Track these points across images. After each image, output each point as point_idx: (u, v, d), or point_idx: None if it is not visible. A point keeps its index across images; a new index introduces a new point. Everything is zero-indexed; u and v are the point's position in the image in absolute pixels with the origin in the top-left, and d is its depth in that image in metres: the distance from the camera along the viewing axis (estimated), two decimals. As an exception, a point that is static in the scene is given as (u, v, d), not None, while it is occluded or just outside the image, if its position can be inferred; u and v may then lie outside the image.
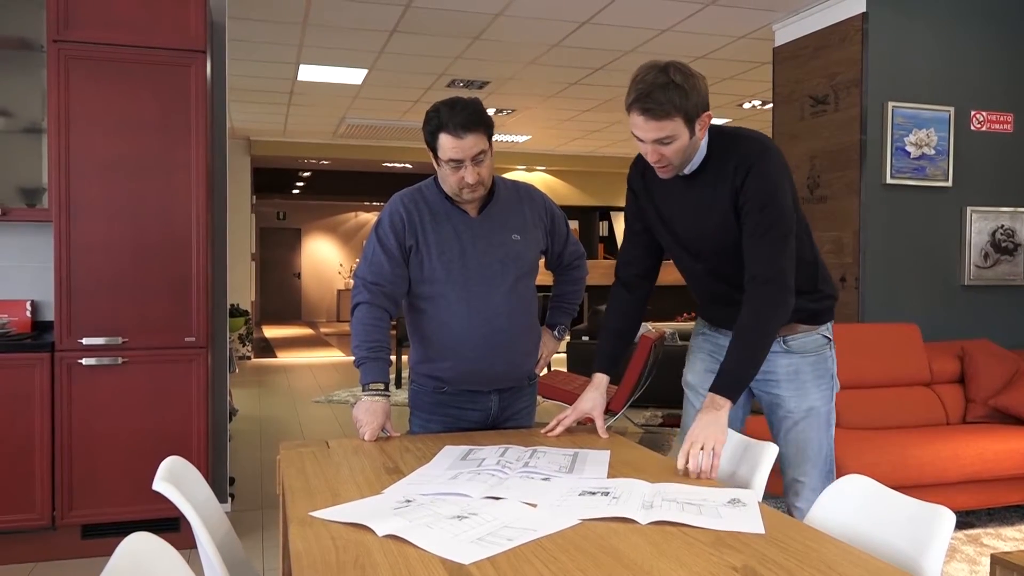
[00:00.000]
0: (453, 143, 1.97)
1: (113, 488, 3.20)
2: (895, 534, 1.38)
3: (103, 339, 3.19)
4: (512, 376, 2.15)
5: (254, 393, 7.67)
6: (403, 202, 2.11)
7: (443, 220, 2.09)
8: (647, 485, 1.59)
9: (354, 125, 9.03)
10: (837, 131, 4.44)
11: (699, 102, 1.81)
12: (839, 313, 4.38)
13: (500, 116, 8.65)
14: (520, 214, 2.16)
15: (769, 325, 1.87)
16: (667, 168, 1.91)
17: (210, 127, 3.38)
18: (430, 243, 2.06)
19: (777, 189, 1.87)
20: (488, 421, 2.17)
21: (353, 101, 7.80)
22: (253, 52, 6.01)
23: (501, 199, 2.14)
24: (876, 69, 4.32)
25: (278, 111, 8.44)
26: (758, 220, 1.86)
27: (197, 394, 3.29)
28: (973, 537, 3.55)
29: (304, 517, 1.40)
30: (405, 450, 1.89)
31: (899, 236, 4.41)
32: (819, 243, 4.54)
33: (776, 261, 1.86)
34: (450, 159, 1.98)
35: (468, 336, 2.06)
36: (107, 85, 3.19)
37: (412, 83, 6.90)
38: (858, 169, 4.32)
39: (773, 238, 1.86)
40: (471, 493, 1.50)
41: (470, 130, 1.97)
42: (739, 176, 1.87)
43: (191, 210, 3.28)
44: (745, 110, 8.08)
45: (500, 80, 6.98)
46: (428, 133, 2.02)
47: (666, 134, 1.82)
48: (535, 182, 11.94)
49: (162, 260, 3.26)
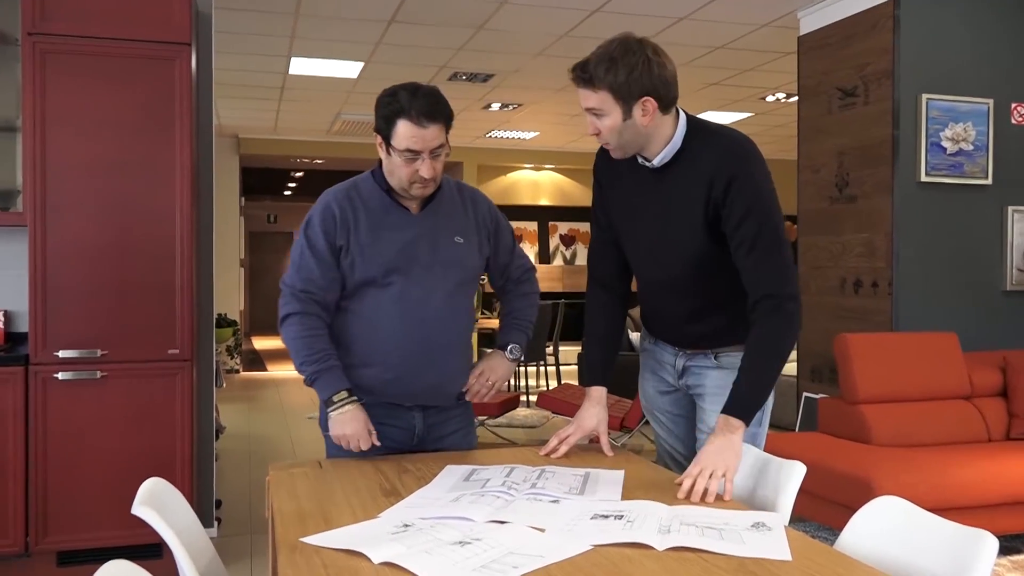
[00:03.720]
0: (413, 132, 1.94)
1: (90, 512, 3.20)
2: (933, 560, 1.37)
3: (80, 352, 3.20)
4: (440, 393, 2.11)
5: (243, 409, 7.66)
6: (335, 198, 2.07)
7: (380, 216, 2.05)
8: (664, 508, 1.58)
9: (350, 122, 9.05)
10: (867, 126, 4.43)
11: (633, 82, 1.80)
12: (872, 320, 4.37)
13: (505, 111, 8.66)
14: (463, 216, 2.13)
15: (784, 343, 1.87)
16: (609, 146, 1.92)
17: (196, 125, 3.40)
18: (363, 242, 2.02)
19: (766, 195, 1.86)
20: (413, 442, 2.13)
21: (348, 96, 7.82)
22: (242, 44, 6.04)
23: (445, 198, 2.12)
24: (909, 59, 4.31)
25: (268, 107, 8.46)
26: (753, 233, 1.84)
27: (181, 410, 3.29)
28: (1019, 564, 3.52)
29: (295, 543, 1.39)
30: (403, 471, 1.88)
31: (935, 238, 4.39)
32: (848, 246, 4.53)
33: (783, 275, 1.86)
34: (407, 149, 1.96)
35: (399, 340, 2.01)
36: (86, 81, 3.20)
37: (411, 77, 6.88)
38: (890, 166, 4.31)
39: (772, 249, 1.85)
40: (474, 517, 1.49)
41: (433, 119, 1.95)
42: (719, 185, 1.85)
43: (175, 213, 3.29)
44: (768, 104, 8.07)
45: (505, 73, 6.99)
46: (382, 118, 1.98)
47: (592, 105, 1.85)
48: (543, 181, 11.95)
49: (144, 267, 3.26)
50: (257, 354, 12.92)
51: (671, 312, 2.09)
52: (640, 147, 1.91)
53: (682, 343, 2.11)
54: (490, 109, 8.55)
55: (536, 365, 8.43)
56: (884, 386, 3.94)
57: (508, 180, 11.76)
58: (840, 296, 4.58)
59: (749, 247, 1.85)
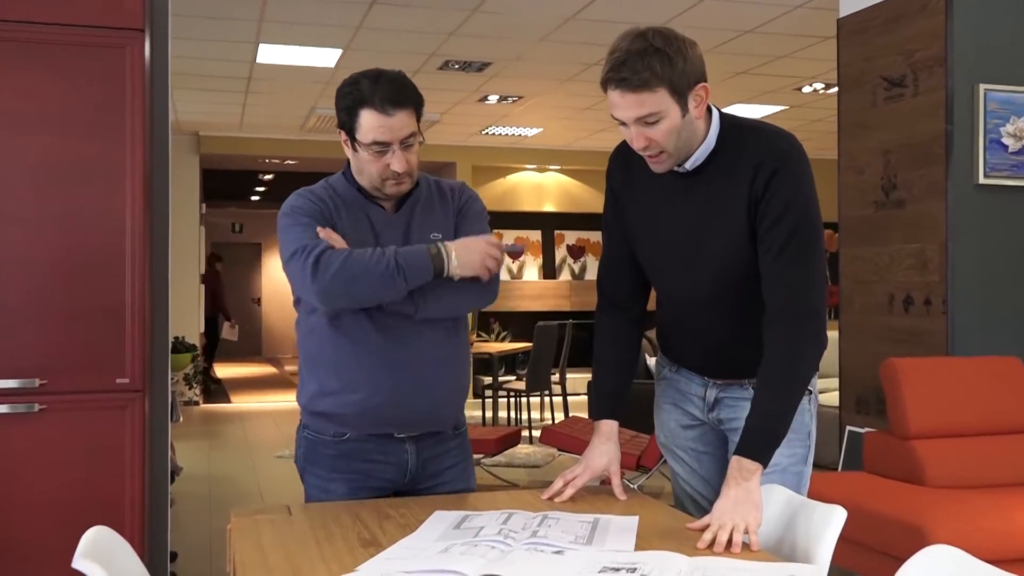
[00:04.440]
0: (378, 121, 1.97)
1: (26, 564, 3.19)
2: (993, 619, 1.36)
3: (16, 381, 3.19)
4: (435, 418, 2.13)
5: (202, 446, 7.65)
6: (312, 192, 2.11)
7: (357, 213, 2.09)
8: (684, 559, 1.58)
9: (326, 117, 9.09)
10: (917, 120, 4.45)
11: (689, 70, 1.82)
12: (924, 343, 4.37)
13: (504, 104, 8.70)
14: (441, 212, 2.15)
15: (803, 369, 1.88)
16: (660, 158, 1.90)
17: (150, 121, 3.41)
18: (347, 237, 2.05)
19: (808, 197, 1.89)
20: (406, 480, 2.14)
21: (325, 88, 7.86)
22: (202, 30, 6.08)
23: (423, 194, 2.15)
24: (964, 44, 4.33)
25: (233, 101, 8.50)
26: (786, 236, 1.86)
27: (131, 448, 3.29)
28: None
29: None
30: (385, 517, 1.88)
31: (996, 248, 4.40)
32: (897, 258, 4.54)
33: (809, 288, 1.87)
34: (374, 141, 1.99)
35: (385, 360, 2.04)
36: (21, 72, 3.21)
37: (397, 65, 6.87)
38: (943, 166, 4.32)
39: (804, 259, 1.87)
40: (465, 570, 1.49)
41: (400, 106, 1.98)
42: (761, 179, 1.87)
43: (125, 222, 3.30)
44: (804, 95, 8.11)
45: (504, 61, 7.02)
46: (343, 110, 2.01)
47: (648, 110, 1.82)
48: (548, 184, 11.99)
49: (89, 284, 3.27)
50: (219, 383, 12.91)
51: (702, 336, 2.10)
52: (691, 148, 1.92)
53: (713, 371, 2.12)
54: (487, 102, 8.59)
55: (540, 395, 8.43)
56: (939, 418, 3.93)
57: (507, 183, 11.79)
58: (888, 315, 4.58)
59: (778, 251, 1.87)
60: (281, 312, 18.24)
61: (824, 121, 8.94)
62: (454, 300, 2.06)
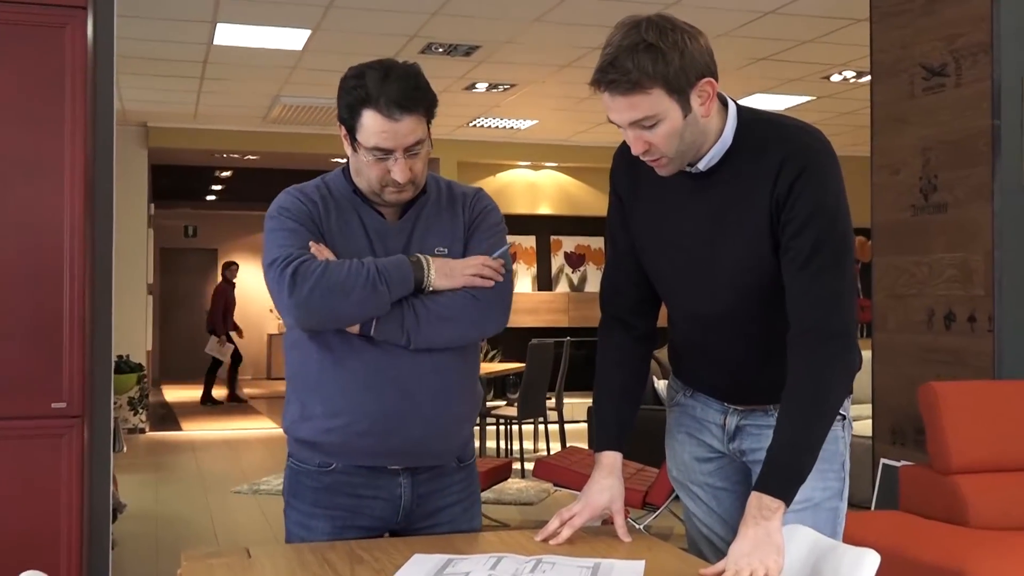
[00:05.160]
0: (382, 126, 1.98)
1: (-52, 615, 3.17)
2: None
3: (-63, 405, 3.18)
4: (431, 450, 2.11)
5: (149, 480, 7.60)
6: (303, 192, 2.13)
7: (351, 218, 2.10)
8: (696, 610, 1.58)
9: (292, 107, 9.09)
10: (960, 113, 4.47)
11: (688, 66, 1.82)
12: (968, 364, 4.37)
13: (494, 93, 8.72)
14: (451, 220, 2.16)
15: (832, 394, 1.89)
16: (662, 162, 1.92)
17: (92, 110, 3.40)
18: (337, 247, 2.06)
19: (837, 201, 1.90)
20: (398, 518, 2.14)
21: (291, 74, 7.86)
22: (153, 7, 6.08)
23: (430, 200, 2.16)
24: (1011, 28, 4.36)
25: (187, 87, 8.50)
26: (811, 244, 1.87)
27: (68, 482, 3.27)
28: None
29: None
30: (357, 560, 1.88)
31: (1049, 258, 4.40)
32: (937, 268, 4.55)
33: (837, 303, 1.88)
34: (375, 147, 2.00)
35: (372, 381, 2.04)
36: (-51, 53, 3.21)
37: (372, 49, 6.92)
38: (989, 166, 4.34)
39: (832, 270, 1.88)
40: (449, 622, 1.49)
41: (409, 110, 1.99)
42: (784, 181, 1.88)
43: (63, 225, 3.29)
44: (833, 84, 8.15)
45: (493, 44, 7.04)
46: (346, 106, 2.02)
47: (643, 114, 1.83)
48: (543, 184, 12.01)
49: (21, 295, 3.26)
50: (169, 408, 12.84)
51: (721, 356, 2.10)
52: (699, 150, 1.93)
53: (735, 397, 2.12)
54: (474, 90, 8.61)
55: (534, 423, 8.41)
56: (984, 450, 3.94)
57: (497, 182, 11.82)
58: (927, 333, 4.59)
59: (802, 262, 1.88)
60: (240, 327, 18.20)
61: (855, 114, 8.99)
62: (453, 329, 2.07)
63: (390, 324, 2.02)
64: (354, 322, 2.01)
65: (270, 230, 2.08)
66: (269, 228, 2.09)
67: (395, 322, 2.02)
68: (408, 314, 2.02)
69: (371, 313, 2.00)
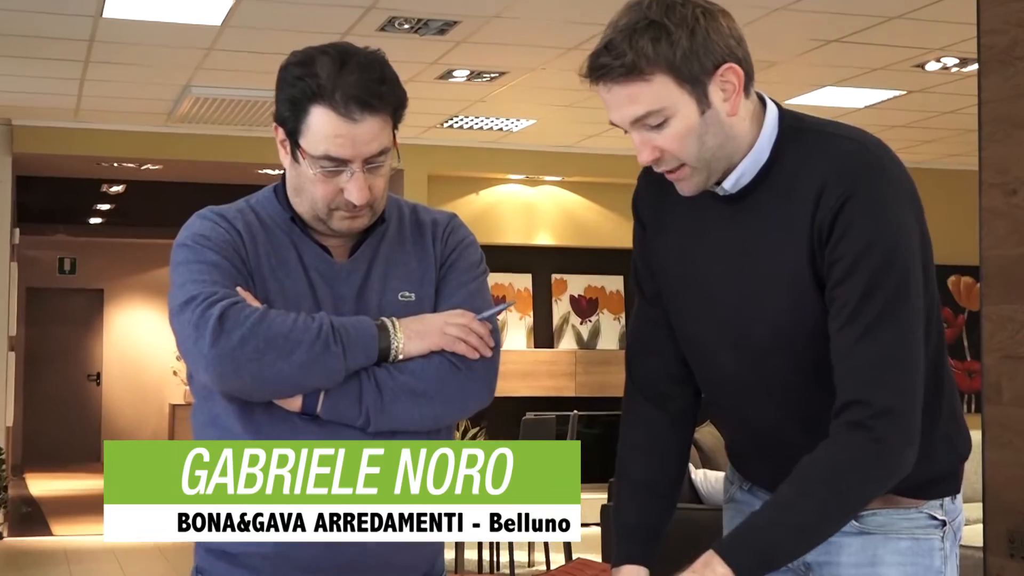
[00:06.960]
0: (337, 128, 1.99)
1: None
2: None
3: None
4: (394, 563, 2.10)
5: (8, 602, 7.59)
6: (223, 216, 2.13)
7: (287, 254, 2.11)
8: None
9: (207, 100, 9.13)
10: (1096, 114, 4.51)
11: (700, 48, 1.85)
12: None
13: (478, 84, 8.77)
14: (418, 258, 2.18)
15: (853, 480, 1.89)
16: (681, 173, 1.94)
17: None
18: (269, 292, 2.07)
19: (899, 234, 1.90)
20: None
21: (206, 57, 7.90)
22: (22, -33, 6.12)
23: (390, 230, 2.17)
24: None
25: (66, 74, 8.53)
26: (861, 293, 1.87)
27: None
28: None
29: None
30: None
31: None
32: (1068, 320, 4.57)
33: (892, 371, 1.88)
34: (326, 155, 2.00)
35: None
36: None
37: (315, 24, 6.99)
38: None
39: (884, 328, 1.88)
40: None
41: (373, 109, 2.00)
42: (826, 209, 1.89)
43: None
44: (926, 74, 8.21)
45: (476, 19, 7.09)
46: (287, 101, 2.03)
47: (645, 108, 1.86)
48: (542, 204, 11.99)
49: None
50: (35, 505, 12.77)
51: (767, 438, 2.12)
52: (731, 158, 1.95)
53: None
54: (451, 79, 8.66)
55: (528, 525, 8.38)
56: None
57: (481, 202, 11.83)
58: (1055, 407, 4.60)
59: (848, 317, 1.89)
60: (130, 394, 18.16)
61: (958, 114, 9.04)
62: (427, 408, 2.07)
63: (344, 399, 2.01)
64: (294, 391, 2.00)
65: (182, 262, 2.08)
66: (181, 260, 2.08)
67: (350, 396, 2.01)
68: (368, 386, 2.02)
69: (317, 382, 1.99)
